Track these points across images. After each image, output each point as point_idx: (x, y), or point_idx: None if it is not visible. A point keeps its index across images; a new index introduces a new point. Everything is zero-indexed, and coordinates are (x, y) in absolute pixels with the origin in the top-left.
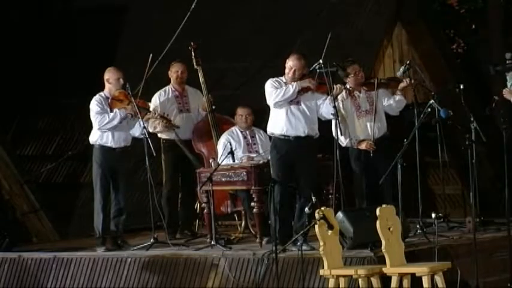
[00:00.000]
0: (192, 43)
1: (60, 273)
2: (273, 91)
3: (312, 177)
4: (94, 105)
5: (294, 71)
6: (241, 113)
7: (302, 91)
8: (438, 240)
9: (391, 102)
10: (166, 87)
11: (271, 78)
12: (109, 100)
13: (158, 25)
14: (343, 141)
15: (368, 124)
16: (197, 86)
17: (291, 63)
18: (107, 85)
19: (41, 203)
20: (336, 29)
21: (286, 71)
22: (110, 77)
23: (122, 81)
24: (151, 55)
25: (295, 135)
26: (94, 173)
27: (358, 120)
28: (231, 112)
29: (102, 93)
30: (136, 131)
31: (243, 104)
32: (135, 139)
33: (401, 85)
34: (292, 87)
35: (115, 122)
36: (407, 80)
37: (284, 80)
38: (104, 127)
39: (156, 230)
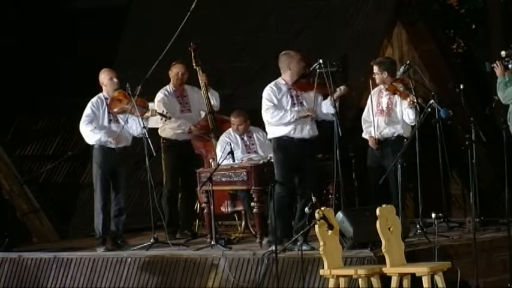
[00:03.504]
0: (191, 43)
1: (60, 273)
2: (270, 109)
3: (314, 178)
4: (88, 107)
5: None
6: (233, 122)
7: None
8: (438, 240)
9: (403, 111)
10: (167, 87)
11: (270, 86)
12: (108, 101)
13: (158, 25)
14: (364, 132)
15: (380, 122)
16: (197, 86)
17: (293, 64)
18: (103, 87)
19: (41, 203)
20: (335, 29)
21: (291, 70)
22: (104, 78)
23: (115, 80)
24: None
25: (300, 137)
26: (94, 174)
27: (375, 117)
28: (230, 112)
29: (101, 95)
30: (136, 131)
31: (237, 112)
32: (135, 139)
33: (408, 99)
34: (290, 116)
35: (95, 138)
36: (413, 98)
37: (283, 82)
38: (83, 131)
39: (156, 230)
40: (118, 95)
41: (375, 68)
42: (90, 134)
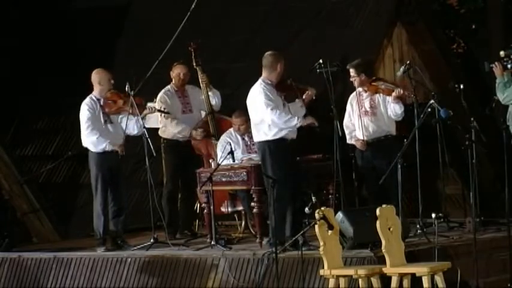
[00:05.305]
0: (192, 43)
1: (60, 273)
2: (274, 109)
3: (307, 177)
4: (85, 111)
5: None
6: (234, 122)
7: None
8: (438, 240)
9: (387, 108)
10: (169, 87)
11: (263, 85)
12: (101, 102)
13: (158, 25)
14: (348, 137)
15: (367, 124)
16: (198, 86)
17: (280, 65)
18: (97, 87)
19: (41, 203)
20: (335, 29)
21: (278, 70)
22: (101, 79)
23: (112, 81)
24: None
25: (292, 138)
26: (92, 176)
27: (359, 119)
28: (230, 112)
29: (92, 96)
30: (134, 130)
31: (238, 112)
32: (135, 139)
33: (394, 94)
34: (296, 122)
35: (100, 146)
36: (399, 90)
37: (269, 82)
38: (88, 141)
39: (156, 230)
40: (111, 96)
41: (352, 72)
42: (95, 142)
